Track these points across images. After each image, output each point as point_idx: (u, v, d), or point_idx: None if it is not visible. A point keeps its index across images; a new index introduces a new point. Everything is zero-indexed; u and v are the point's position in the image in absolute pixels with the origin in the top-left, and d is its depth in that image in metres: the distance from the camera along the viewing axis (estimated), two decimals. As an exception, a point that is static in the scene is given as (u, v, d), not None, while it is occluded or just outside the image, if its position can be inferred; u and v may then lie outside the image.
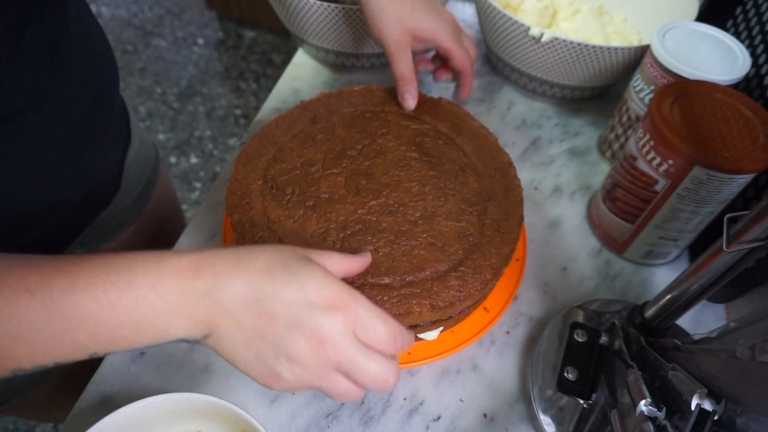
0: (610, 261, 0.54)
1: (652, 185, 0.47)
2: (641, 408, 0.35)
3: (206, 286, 0.30)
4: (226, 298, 0.30)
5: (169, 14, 2.12)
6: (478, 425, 0.43)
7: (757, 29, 0.56)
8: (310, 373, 0.31)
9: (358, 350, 0.31)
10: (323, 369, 0.31)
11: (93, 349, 0.29)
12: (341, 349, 0.31)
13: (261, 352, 0.31)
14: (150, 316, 0.29)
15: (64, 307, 0.28)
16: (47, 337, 0.28)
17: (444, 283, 0.41)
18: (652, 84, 0.52)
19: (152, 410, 0.36)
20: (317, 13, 0.59)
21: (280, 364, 0.31)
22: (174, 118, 1.82)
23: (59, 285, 0.28)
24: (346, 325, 0.31)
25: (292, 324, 0.30)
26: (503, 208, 0.46)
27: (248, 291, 0.30)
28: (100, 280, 0.29)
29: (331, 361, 0.31)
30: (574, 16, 0.67)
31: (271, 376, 0.31)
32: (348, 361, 0.31)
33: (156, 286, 0.29)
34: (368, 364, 0.31)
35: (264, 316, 0.30)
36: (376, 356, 0.31)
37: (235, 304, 0.30)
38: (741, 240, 0.33)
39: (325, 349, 0.30)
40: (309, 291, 0.31)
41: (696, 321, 0.50)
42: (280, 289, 0.31)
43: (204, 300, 0.30)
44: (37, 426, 1.22)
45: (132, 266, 0.29)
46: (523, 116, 0.67)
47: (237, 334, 0.31)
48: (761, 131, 0.44)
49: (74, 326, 0.28)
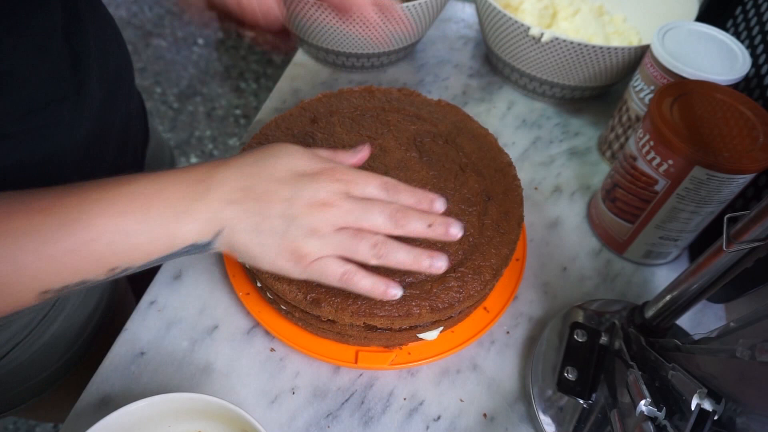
0: (610, 261, 0.54)
1: (652, 185, 0.47)
2: (641, 408, 0.35)
3: (205, 185, 0.33)
4: (226, 191, 0.33)
5: (169, 14, 2.12)
6: (478, 425, 0.43)
7: (757, 29, 0.56)
8: (326, 238, 0.33)
9: (358, 204, 0.34)
10: (335, 232, 0.33)
11: (112, 262, 0.31)
12: (343, 207, 0.33)
13: (273, 231, 0.33)
14: (159, 221, 0.31)
15: (80, 219, 0.29)
16: (69, 250, 0.29)
17: (443, 284, 0.41)
18: (652, 84, 0.52)
19: (152, 410, 0.36)
20: (317, 13, 0.59)
21: (296, 238, 0.33)
22: (174, 118, 1.82)
23: (72, 202, 0.30)
24: (338, 186, 0.34)
25: (290, 197, 0.33)
26: (503, 208, 0.46)
27: (243, 179, 0.33)
28: (108, 192, 0.31)
29: (338, 222, 0.33)
30: (574, 16, 0.67)
31: (293, 252, 0.33)
32: (354, 218, 0.34)
33: (161, 193, 0.32)
34: (371, 215, 0.34)
35: (263, 198, 0.33)
36: (376, 206, 0.34)
37: (235, 194, 0.33)
38: (741, 240, 0.33)
39: (329, 212, 0.33)
40: (294, 163, 0.34)
41: (696, 321, 0.50)
42: (269, 169, 0.34)
43: (206, 198, 0.32)
44: (37, 426, 1.22)
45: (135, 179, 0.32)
46: (523, 116, 0.67)
47: (246, 222, 0.33)
48: (761, 131, 0.44)
49: (93, 237, 0.30)
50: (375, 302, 0.39)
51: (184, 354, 0.45)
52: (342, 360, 0.44)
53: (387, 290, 0.35)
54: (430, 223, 0.35)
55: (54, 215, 0.29)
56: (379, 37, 0.59)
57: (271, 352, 0.46)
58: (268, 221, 0.33)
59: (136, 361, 0.44)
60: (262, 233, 0.33)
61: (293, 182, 0.34)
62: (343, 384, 0.44)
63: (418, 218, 0.35)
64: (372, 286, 0.35)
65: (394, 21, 0.49)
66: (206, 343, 0.46)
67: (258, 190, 0.33)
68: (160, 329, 0.46)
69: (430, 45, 0.75)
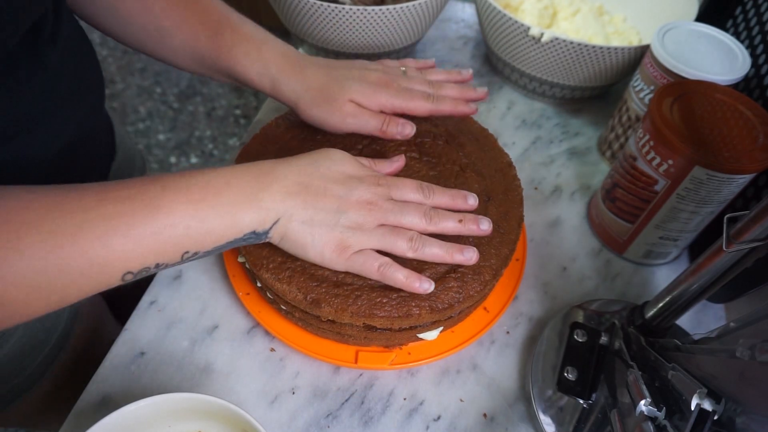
0: (610, 261, 0.54)
1: (652, 185, 0.47)
2: (641, 408, 0.35)
3: (270, 178, 0.37)
4: (287, 184, 0.37)
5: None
6: (478, 425, 0.43)
7: (757, 29, 0.56)
8: (368, 233, 0.39)
9: (397, 205, 0.40)
10: (377, 228, 0.39)
11: (186, 246, 0.34)
12: (385, 206, 0.39)
13: (324, 224, 0.38)
14: (229, 208, 0.35)
15: (162, 206, 0.33)
16: (152, 234, 0.32)
17: (443, 284, 0.41)
18: (652, 84, 0.52)
19: (152, 410, 0.36)
20: (317, 13, 0.59)
21: (343, 230, 0.38)
22: (174, 118, 1.82)
23: (155, 190, 0.33)
24: (381, 190, 0.40)
25: (341, 195, 0.38)
26: (503, 208, 0.46)
27: (301, 176, 0.38)
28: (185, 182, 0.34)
29: (380, 219, 0.39)
30: (574, 16, 0.67)
31: (339, 244, 0.38)
32: (394, 216, 0.39)
33: (229, 184, 0.36)
34: (408, 214, 0.40)
35: (319, 193, 0.38)
36: (412, 206, 0.40)
37: (295, 188, 0.37)
38: (741, 240, 0.33)
39: (373, 211, 0.39)
40: (344, 168, 0.40)
41: (696, 321, 0.50)
42: (323, 170, 0.39)
43: (270, 189, 0.37)
44: (37, 426, 1.22)
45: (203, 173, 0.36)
46: (523, 116, 0.67)
47: (302, 214, 0.37)
48: (761, 131, 0.44)
49: (172, 222, 0.33)
50: (375, 303, 0.39)
51: (184, 354, 0.45)
52: (342, 360, 0.44)
53: (420, 284, 0.38)
54: (461, 218, 0.41)
55: (139, 201, 0.32)
56: (380, 37, 0.60)
57: (271, 352, 0.46)
58: (321, 214, 0.38)
59: (136, 361, 0.44)
60: (314, 225, 0.38)
61: (344, 183, 0.39)
62: (343, 384, 0.44)
63: (450, 216, 0.41)
64: (406, 279, 0.39)
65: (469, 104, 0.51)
66: (206, 343, 0.46)
67: (314, 186, 0.38)
68: (160, 329, 0.46)
69: (430, 45, 0.75)
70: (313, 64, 0.46)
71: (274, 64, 0.45)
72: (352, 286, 0.40)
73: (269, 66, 0.45)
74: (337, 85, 0.45)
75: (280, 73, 0.45)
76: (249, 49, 0.44)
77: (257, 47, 0.45)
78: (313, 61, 0.47)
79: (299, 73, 0.45)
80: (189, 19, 0.45)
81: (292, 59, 0.45)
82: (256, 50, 0.44)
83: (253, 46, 0.45)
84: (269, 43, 0.45)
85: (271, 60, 0.45)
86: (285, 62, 0.45)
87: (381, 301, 0.39)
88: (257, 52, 0.44)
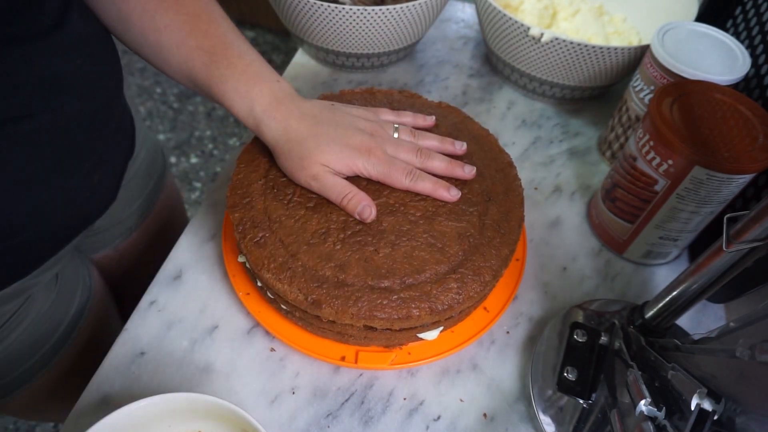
0: (609, 261, 0.54)
1: (652, 185, 0.47)
2: (641, 408, 0.35)
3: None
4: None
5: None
6: (478, 425, 0.43)
7: (757, 29, 0.56)
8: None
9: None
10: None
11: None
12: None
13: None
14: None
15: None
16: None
17: (443, 285, 0.41)
18: (651, 84, 0.52)
19: (152, 410, 0.36)
20: (317, 13, 0.59)
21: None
22: (174, 118, 1.82)
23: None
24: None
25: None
26: (503, 208, 0.46)
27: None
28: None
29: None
30: (574, 16, 0.67)
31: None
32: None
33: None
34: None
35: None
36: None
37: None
38: (741, 240, 0.33)
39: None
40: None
41: (696, 321, 0.50)
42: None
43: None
44: (37, 426, 1.22)
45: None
46: (523, 116, 0.67)
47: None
48: (761, 131, 0.44)
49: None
50: (375, 304, 0.39)
51: (184, 354, 0.45)
52: (342, 360, 0.44)
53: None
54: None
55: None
56: (380, 37, 0.61)
57: (271, 352, 0.46)
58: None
59: (136, 361, 0.44)
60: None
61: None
62: (343, 384, 0.44)
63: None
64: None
65: None
66: (206, 343, 0.46)
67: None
68: (160, 329, 0.46)
69: (430, 45, 0.75)
70: (300, 114, 0.44)
71: (260, 105, 0.44)
72: (352, 286, 0.40)
73: (255, 106, 0.44)
74: (313, 143, 0.43)
75: (265, 114, 0.44)
76: (239, 85, 0.44)
77: (248, 85, 0.44)
78: (302, 109, 0.45)
79: (283, 120, 0.44)
80: (187, 42, 0.45)
81: (281, 103, 0.44)
82: (246, 88, 0.44)
83: (243, 83, 0.44)
84: (262, 83, 0.44)
85: (257, 100, 0.44)
86: (273, 105, 0.44)
87: (381, 303, 0.39)
88: (247, 90, 0.44)
